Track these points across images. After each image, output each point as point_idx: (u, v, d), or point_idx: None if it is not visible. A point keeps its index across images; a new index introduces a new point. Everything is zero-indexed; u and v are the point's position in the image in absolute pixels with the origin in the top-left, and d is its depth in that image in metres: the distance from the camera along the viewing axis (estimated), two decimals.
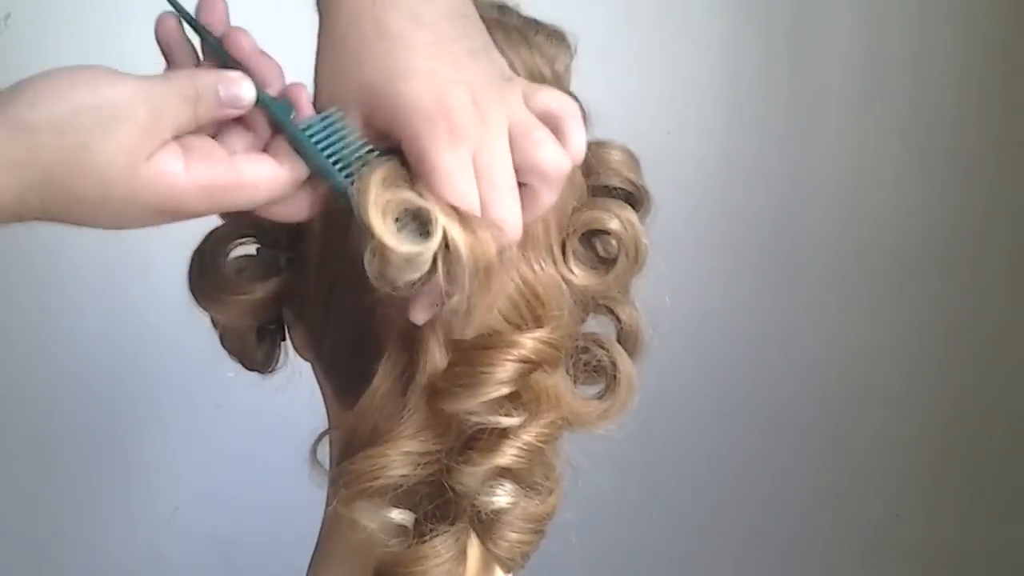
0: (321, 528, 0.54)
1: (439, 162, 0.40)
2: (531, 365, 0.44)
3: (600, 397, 0.51)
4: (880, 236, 1.44)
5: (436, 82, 0.40)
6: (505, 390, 0.44)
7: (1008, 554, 1.51)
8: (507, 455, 0.45)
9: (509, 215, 0.41)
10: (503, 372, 0.44)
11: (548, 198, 0.43)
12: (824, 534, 1.51)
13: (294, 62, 0.45)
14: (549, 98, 0.43)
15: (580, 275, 0.48)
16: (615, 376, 0.51)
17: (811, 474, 1.49)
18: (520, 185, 0.42)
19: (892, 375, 1.48)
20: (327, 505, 0.54)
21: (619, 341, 0.52)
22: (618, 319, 0.52)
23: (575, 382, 0.50)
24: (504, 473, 0.45)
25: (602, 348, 0.51)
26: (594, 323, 0.52)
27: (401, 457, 0.45)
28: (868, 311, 1.47)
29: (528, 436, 0.45)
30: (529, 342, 0.44)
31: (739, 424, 1.45)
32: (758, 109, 1.37)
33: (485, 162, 0.41)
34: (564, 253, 0.49)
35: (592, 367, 0.51)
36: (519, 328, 0.45)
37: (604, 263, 0.50)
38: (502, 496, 0.46)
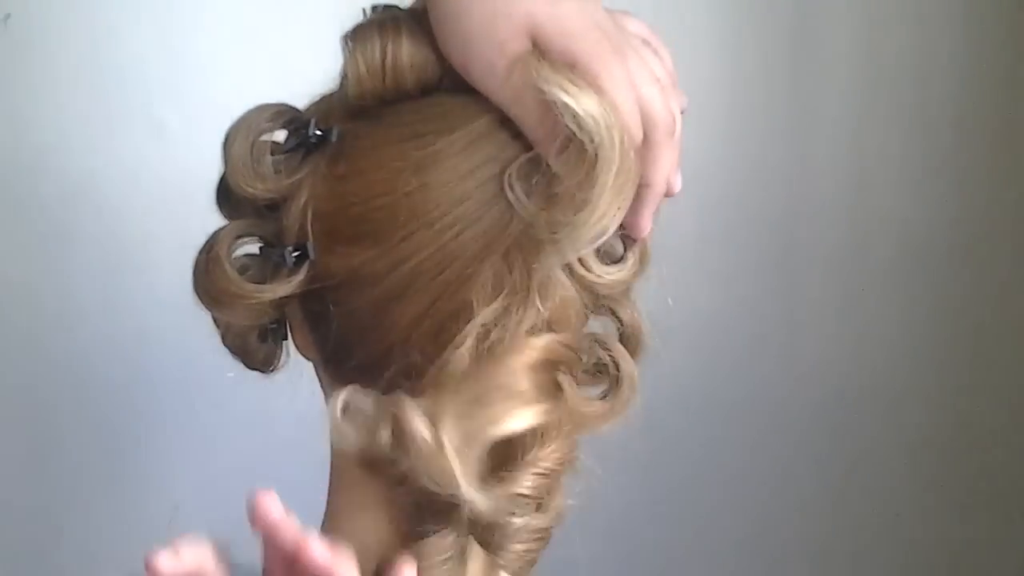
0: (321, 528, 0.54)
1: (614, 75, 0.43)
2: (549, 368, 0.45)
3: (602, 398, 0.51)
4: (880, 236, 1.44)
5: (583, 8, 0.44)
6: (524, 402, 0.44)
7: (1008, 554, 1.51)
8: (524, 483, 0.45)
9: (670, 106, 0.46)
10: (521, 378, 0.44)
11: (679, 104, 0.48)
12: (824, 534, 1.51)
13: (295, 62, 0.45)
14: (639, 27, 0.48)
15: (599, 274, 0.48)
16: (617, 377, 0.51)
17: (811, 474, 1.49)
18: None
19: (892, 375, 1.47)
20: (327, 505, 0.54)
21: (621, 342, 0.52)
22: (620, 320, 0.52)
23: (577, 383, 0.50)
24: (519, 498, 0.46)
25: (604, 349, 0.51)
26: (595, 324, 0.52)
27: None
28: (868, 311, 1.47)
29: (547, 463, 0.46)
30: (542, 342, 0.45)
31: (739, 424, 1.45)
32: (758, 109, 1.37)
33: (638, 69, 0.45)
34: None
35: (594, 368, 0.51)
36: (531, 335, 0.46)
37: (611, 263, 0.50)
38: (518, 519, 0.46)
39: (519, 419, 0.44)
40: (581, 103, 0.42)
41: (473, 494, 0.43)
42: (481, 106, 0.47)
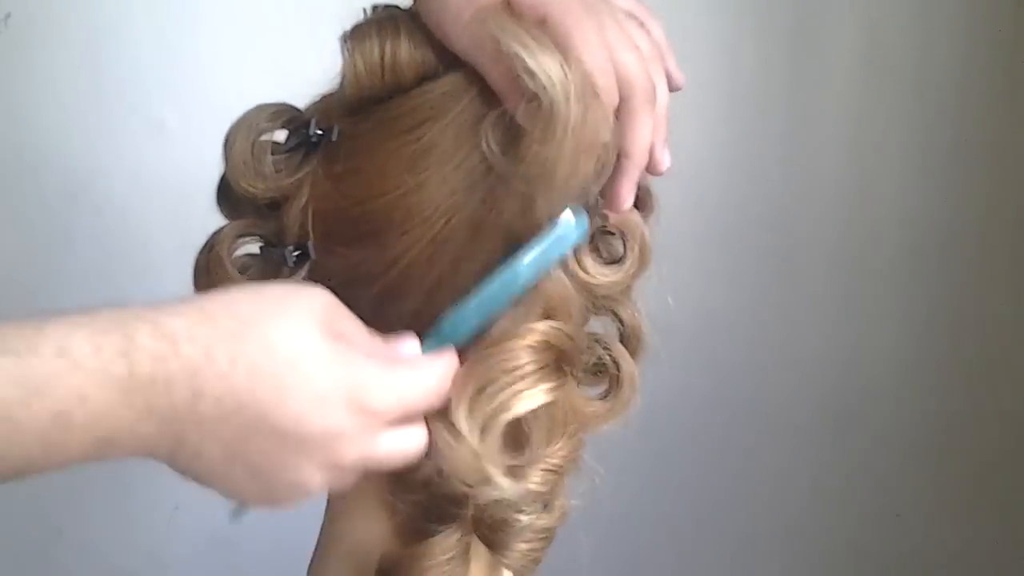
0: (322, 527, 0.54)
1: (586, 35, 0.43)
2: (550, 351, 0.45)
3: (603, 397, 0.51)
4: (880, 236, 1.44)
5: None
6: (530, 383, 0.44)
7: (1008, 554, 1.51)
8: (534, 479, 0.45)
9: (649, 73, 0.45)
10: (524, 358, 0.44)
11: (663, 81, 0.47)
12: (824, 534, 1.51)
13: (295, 61, 0.45)
14: (627, 3, 0.48)
15: (594, 274, 0.48)
16: (618, 377, 0.51)
17: (811, 474, 1.49)
18: None
19: (892, 375, 1.48)
20: (328, 504, 0.54)
21: (621, 342, 0.52)
22: (620, 320, 0.52)
23: (578, 383, 0.50)
24: (529, 494, 0.46)
25: (605, 348, 0.51)
26: (596, 324, 0.52)
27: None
28: (868, 311, 1.47)
29: (555, 459, 0.46)
30: (541, 326, 0.45)
31: (740, 424, 1.45)
32: (758, 109, 1.37)
33: (616, 35, 0.44)
34: (575, 255, 0.48)
35: (595, 368, 0.51)
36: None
37: (610, 264, 0.50)
38: (524, 518, 0.46)
39: (528, 400, 0.44)
40: (536, 56, 0.41)
41: (506, 483, 0.43)
42: (457, 86, 0.46)
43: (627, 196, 0.47)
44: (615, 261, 0.49)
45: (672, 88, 0.48)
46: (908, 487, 1.51)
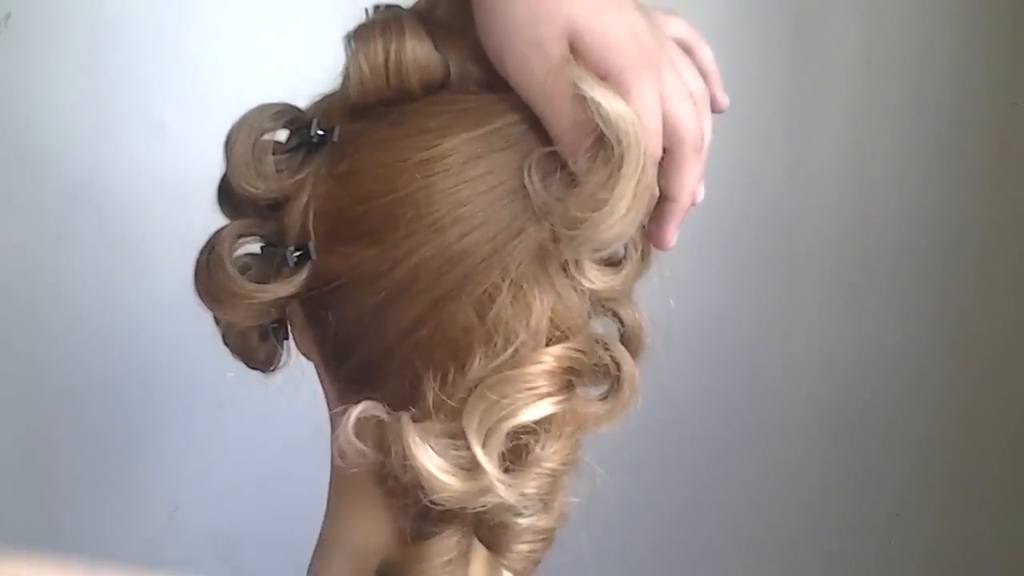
0: (322, 528, 0.54)
1: (643, 91, 0.44)
2: (566, 373, 0.45)
3: (603, 398, 0.51)
4: (881, 236, 1.44)
5: (625, 17, 0.45)
6: (549, 406, 0.45)
7: (1008, 554, 1.51)
8: (530, 483, 0.45)
9: (700, 122, 0.47)
10: (542, 382, 0.44)
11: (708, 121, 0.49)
12: (824, 534, 1.51)
13: (296, 61, 0.45)
14: (680, 27, 0.50)
15: (595, 279, 0.48)
16: (618, 377, 0.51)
17: (812, 474, 1.49)
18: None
19: (893, 375, 1.48)
20: (328, 505, 0.54)
21: (622, 342, 0.52)
22: (621, 321, 0.52)
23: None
24: (524, 498, 0.46)
25: (605, 349, 0.51)
26: (596, 324, 0.52)
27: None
28: (869, 311, 1.47)
29: (551, 463, 0.46)
30: (557, 351, 0.45)
31: (740, 424, 1.45)
32: (759, 110, 1.37)
33: (672, 84, 0.45)
34: (577, 261, 0.49)
35: (595, 369, 0.51)
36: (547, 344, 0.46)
37: (611, 266, 0.50)
38: (523, 520, 0.46)
39: (534, 411, 0.45)
40: (612, 103, 0.42)
41: (504, 488, 0.44)
42: (491, 108, 0.47)
43: (672, 237, 0.49)
44: (616, 264, 0.49)
45: (715, 111, 0.50)
46: (908, 487, 1.51)
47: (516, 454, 0.46)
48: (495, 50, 0.45)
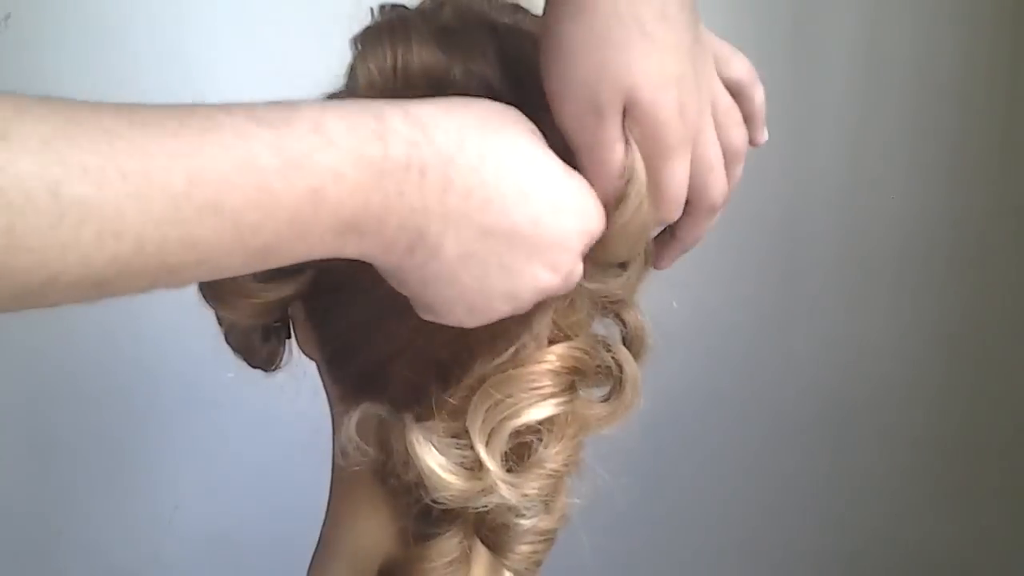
0: (323, 528, 0.54)
1: (676, 170, 0.44)
2: (570, 373, 0.45)
3: (605, 400, 0.51)
4: (880, 235, 1.44)
5: (680, 92, 0.43)
6: (552, 407, 0.45)
7: (1009, 554, 1.51)
8: (532, 484, 0.45)
9: (722, 189, 0.48)
10: (546, 382, 0.44)
11: (739, 170, 0.50)
12: (824, 534, 1.51)
13: (297, 61, 0.45)
14: (740, 68, 0.49)
15: (598, 281, 0.48)
16: (620, 378, 0.51)
17: (812, 473, 1.49)
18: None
19: (893, 375, 1.48)
20: (329, 505, 0.54)
21: (624, 344, 0.52)
22: (623, 322, 0.52)
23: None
24: (525, 499, 0.46)
25: (608, 351, 0.51)
26: (598, 325, 0.52)
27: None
28: (869, 311, 1.47)
29: (553, 464, 0.46)
30: (561, 350, 0.45)
31: (740, 424, 1.45)
32: None
33: (705, 153, 0.45)
34: None
35: (597, 370, 0.51)
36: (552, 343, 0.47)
37: (615, 267, 0.50)
38: (525, 521, 0.46)
39: (537, 411, 0.45)
40: (637, 165, 0.43)
41: (505, 488, 0.44)
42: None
43: (671, 263, 0.51)
44: (620, 266, 0.49)
45: (752, 146, 0.51)
46: (908, 487, 1.51)
47: (518, 454, 0.46)
48: (553, 84, 0.44)
